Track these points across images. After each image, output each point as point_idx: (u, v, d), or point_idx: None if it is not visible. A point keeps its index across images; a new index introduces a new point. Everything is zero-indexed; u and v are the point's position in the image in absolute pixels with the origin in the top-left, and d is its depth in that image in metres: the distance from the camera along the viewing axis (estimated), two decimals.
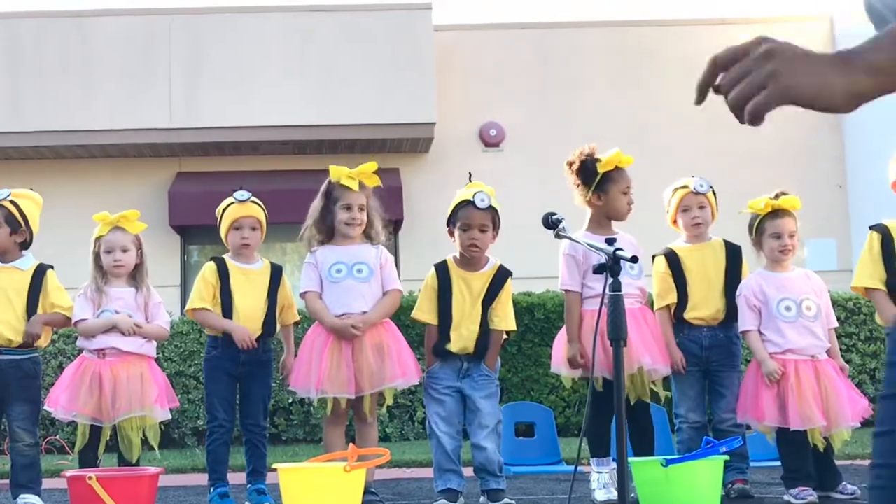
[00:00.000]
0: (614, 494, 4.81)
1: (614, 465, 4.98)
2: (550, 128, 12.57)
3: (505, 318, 5.09)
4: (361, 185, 5.13)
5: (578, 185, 5.20)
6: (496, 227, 5.09)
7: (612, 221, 5.21)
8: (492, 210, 5.04)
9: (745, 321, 5.10)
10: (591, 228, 5.17)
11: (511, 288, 5.16)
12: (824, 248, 12.20)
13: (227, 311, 5.19)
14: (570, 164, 5.21)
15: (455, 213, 5.07)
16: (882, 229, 5.03)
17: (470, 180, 5.18)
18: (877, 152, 12.38)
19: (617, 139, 6.28)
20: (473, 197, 4.99)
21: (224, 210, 5.33)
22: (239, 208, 5.30)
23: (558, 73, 13.07)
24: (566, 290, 5.13)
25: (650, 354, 4.96)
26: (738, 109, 1.39)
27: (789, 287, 5.09)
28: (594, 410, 5.06)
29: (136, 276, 5.27)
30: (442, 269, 5.12)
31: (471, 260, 5.10)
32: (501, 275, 5.11)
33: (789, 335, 5.00)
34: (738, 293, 5.16)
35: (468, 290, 5.06)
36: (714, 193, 5.38)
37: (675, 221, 5.43)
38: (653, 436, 5.07)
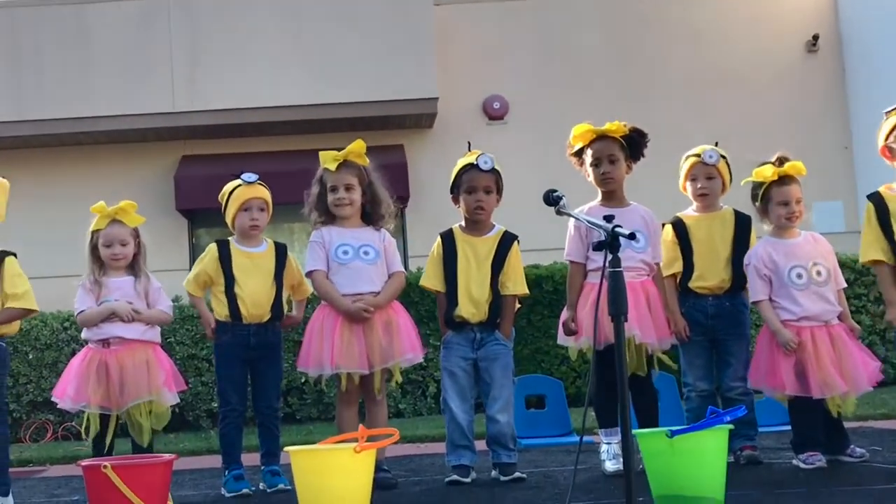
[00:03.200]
0: (621, 465, 4.84)
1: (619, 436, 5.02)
2: (554, 100, 12.53)
3: (516, 283, 5.15)
4: (349, 165, 5.15)
5: (577, 166, 5.28)
6: (500, 190, 5.20)
7: (621, 193, 5.20)
8: (495, 172, 5.16)
9: (756, 291, 5.08)
10: (601, 202, 5.19)
11: (519, 252, 5.20)
12: (831, 210, 12.17)
13: (231, 295, 5.21)
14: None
15: (458, 179, 5.16)
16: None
17: (469, 149, 5.24)
18: (880, 112, 12.35)
19: (620, 109, 6.30)
20: (477, 160, 5.10)
21: (231, 193, 5.35)
22: (247, 190, 5.32)
23: (560, 45, 13.02)
24: (570, 261, 5.19)
25: (642, 327, 4.92)
26: None
27: (798, 253, 5.08)
28: (599, 382, 5.11)
29: (133, 265, 5.27)
30: (447, 236, 5.21)
31: (476, 224, 5.17)
32: (507, 238, 5.18)
33: (803, 302, 4.99)
34: (746, 262, 5.14)
35: (473, 253, 5.13)
36: (728, 164, 5.33)
37: (685, 188, 5.42)
38: (656, 406, 5.10)
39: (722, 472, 3.44)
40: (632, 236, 3.05)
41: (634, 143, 5.19)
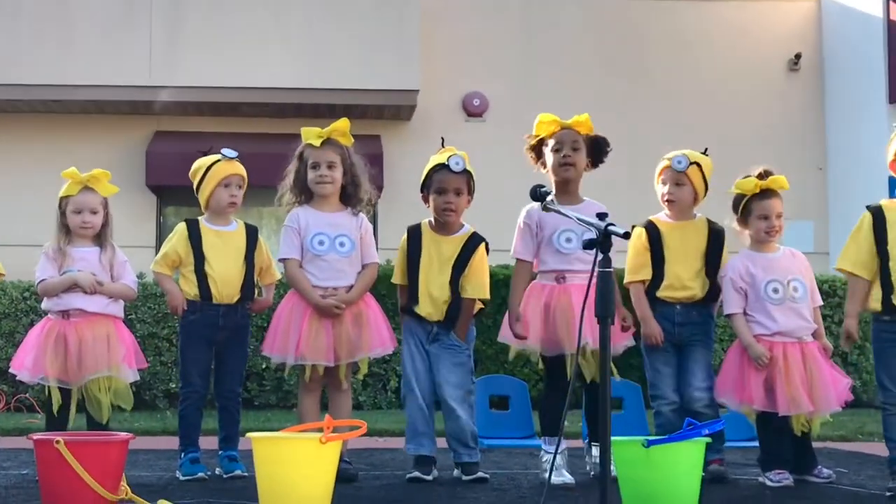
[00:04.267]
0: (566, 476, 4.72)
1: (564, 444, 4.92)
2: (534, 99, 12.42)
3: (476, 286, 5.03)
4: (332, 143, 5.04)
5: (534, 161, 5.15)
6: (470, 191, 5.10)
7: (576, 187, 5.06)
8: (466, 174, 5.05)
9: (731, 304, 5.01)
10: (555, 195, 5.02)
11: (485, 255, 5.10)
12: (802, 230, 12.21)
13: (201, 274, 5.08)
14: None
15: (429, 178, 5.07)
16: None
17: (443, 146, 5.15)
18: (857, 136, 12.42)
19: (600, 114, 6.20)
20: (448, 160, 5.00)
21: (209, 167, 5.19)
22: (228, 166, 5.19)
23: (543, 45, 12.97)
24: (518, 259, 5.04)
25: (593, 334, 4.66)
26: None
27: (776, 268, 5.02)
28: (549, 389, 5.03)
29: (100, 235, 5.12)
30: (414, 231, 5.14)
31: (445, 224, 5.09)
32: (474, 241, 5.08)
33: (778, 318, 4.93)
34: (722, 274, 5.06)
35: (437, 253, 5.04)
36: (702, 172, 5.15)
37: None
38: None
39: (696, 485, 3.36)
40: (626, 235, 2.95)
41: (598, 148, 5.07)
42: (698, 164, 5.14)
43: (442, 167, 5.01)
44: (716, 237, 5.15)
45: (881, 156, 5.12)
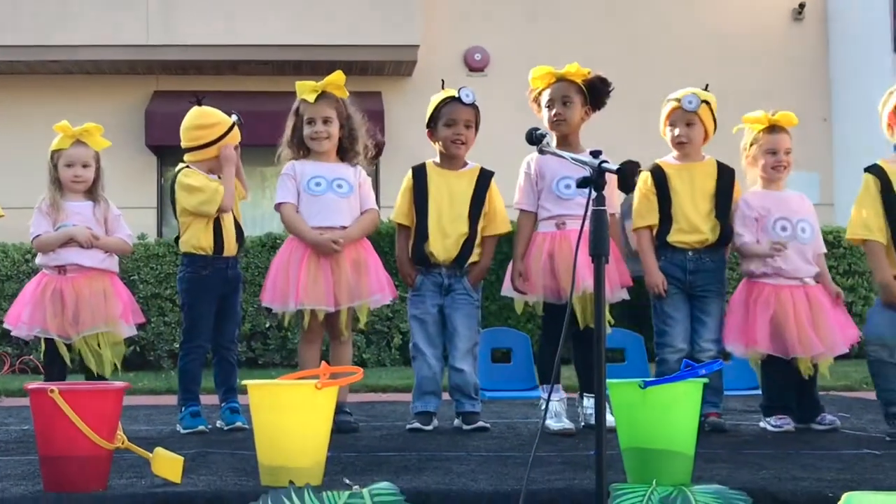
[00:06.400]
0: (566, 423, 4.73)
1: (563, 393, 4.93)
2: (536, 53, 12.24)
3: (500, 222, 5.06)
4: (328, 97, 4.97)
5: (538, 113, 5.09)
6: (477, 126, 5.06)
7: (575, 139, 4.99)
8: (475, 108, 5.03)
9: (741, 234, 4.92)
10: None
11: (497, 189, 5.07)
12: (807, 181, 12.13)
13: (218, 226, 5.02)
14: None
15: (437, 112, 5.02)
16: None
17: (443, 87, 5.09)
18: (862, 86, 12.30)
19: (603, 65, 6.12)
20: (459, 92, 4.97)
21: (231, 128, 5.08)
22: (237, 132, 5.15)
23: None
24: (520, 210, 5.00)
25: (590, 279, 4.66)
26: None
27: (785, 207, 4.93)
28: (546, 336, 5.00)
29: (93, 189, 5.07)
30: (419, 170, 5.07)
31: (452, 159, 5.04)
32: (486, 175, 5.06)
33: (785, 255, 4.85)
34: (734, 208, 4.96)
35: (448, 188, 4.99)
36: (712, 110, 5.01)
37: (665, 134, 5.10)
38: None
39: (694, 427, 3.32)
40: (619, 171, 2.90)
41: (596, 91, 4.99)
42: (707, 103, 5.02)
43: (452, 100, 4.98)
44: (726, 177, 5.00)
45: None
